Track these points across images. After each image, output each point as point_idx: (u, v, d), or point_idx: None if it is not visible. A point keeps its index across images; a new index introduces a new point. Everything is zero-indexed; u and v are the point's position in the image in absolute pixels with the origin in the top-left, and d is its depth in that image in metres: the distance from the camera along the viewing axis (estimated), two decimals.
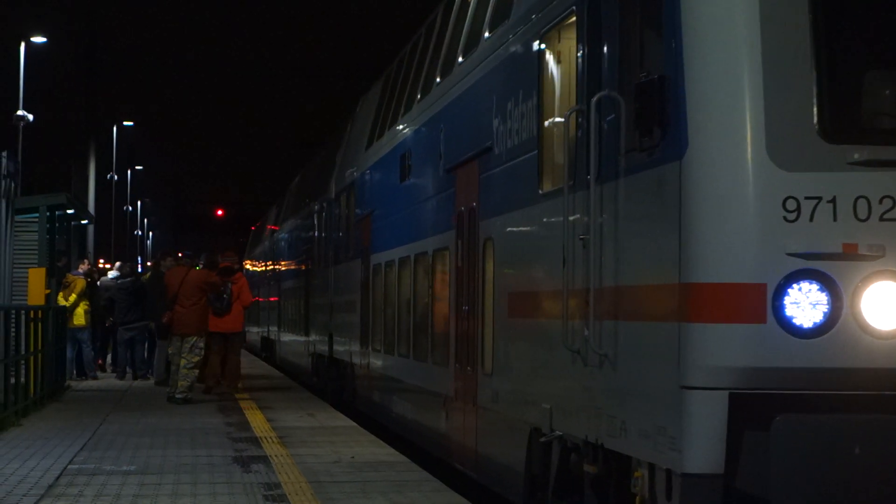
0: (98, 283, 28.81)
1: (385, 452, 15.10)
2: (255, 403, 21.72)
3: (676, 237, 8.03)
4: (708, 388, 7.83)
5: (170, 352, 22.23)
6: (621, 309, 8.93)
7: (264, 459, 14.17)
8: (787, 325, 7.81)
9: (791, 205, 7.82)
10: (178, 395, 21.40)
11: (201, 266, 23.59)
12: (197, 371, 21.86)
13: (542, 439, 10.52)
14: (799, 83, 7.87)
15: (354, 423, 18.62)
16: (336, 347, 24.84)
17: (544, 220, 10.79)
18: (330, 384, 25.52)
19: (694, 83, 8.01)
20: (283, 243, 40.39)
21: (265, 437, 16.39)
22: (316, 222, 29.48)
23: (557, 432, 10.26)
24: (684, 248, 7.97)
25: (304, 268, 31.94)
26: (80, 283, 26.59)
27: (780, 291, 7.80)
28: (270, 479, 12.69)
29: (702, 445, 7.81)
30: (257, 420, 18.76)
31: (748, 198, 7.84)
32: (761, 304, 7.79)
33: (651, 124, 8.30)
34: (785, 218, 7.82)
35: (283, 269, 39.11)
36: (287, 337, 36.22)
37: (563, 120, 10.05)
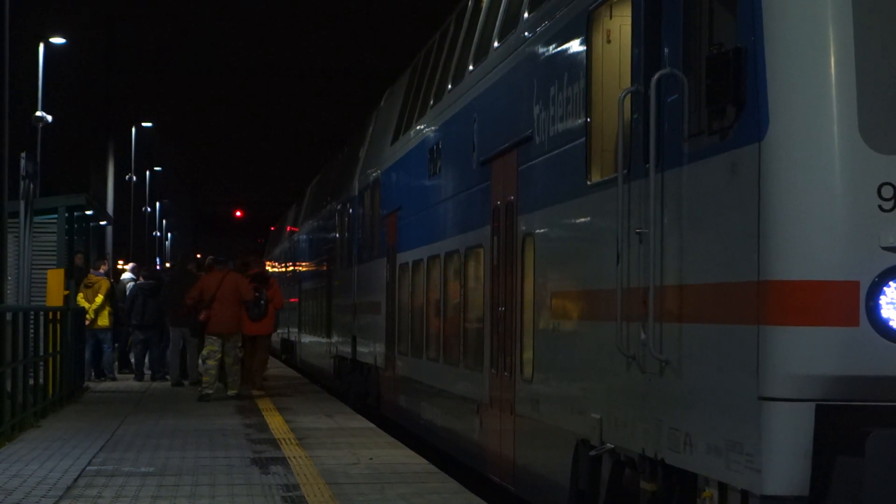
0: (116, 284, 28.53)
1: (403, 454, 14.88)
2: (273, 405, 21.58)
3: (754, 229, 7.18)
4: (791, 400, 7.00)
5: (204, 352, 22.44)
6: (686, 310, 8.08)
7: (283, 461, 14.05)
8: (882, 328, 6.97)
9: (887, 192, 6.97)
10: (229, 393, 22.09)
11: (232, 269, 23.67)
12: (238, 368, 22.48)
13: (592, 452, 9.72)
14: None
15: (372, 425, 18.42)
16: (360, 350, 24.18)
17: (593, 212, 9.97)
18: (353, 388, 24.93)
19: (775, 55, 7.14)
20: (303, 243, 39.80)
21: (283, 439, 16.23)
22: (338, 221, 28.82)
23: (609, 445, 9.46)
24: (764, 241, 7.11)
25: (325, 268, 31.31)
26: (105, 284, 26.48)
27: (875, 290, 6.96)
28: (289, 480, 12.61)
29: (784, 464, 6.98)
30: (276, 421, 18.60)
31: (837, 184, 6.99)
32: (853, 304, 6.95)
33: (724, 103, 7.44)
34: (880, 207, 6.97)
35: (304, 269, 38.51)
36: (308, 339, 35.65)
37: (615, 103, 9.18)
